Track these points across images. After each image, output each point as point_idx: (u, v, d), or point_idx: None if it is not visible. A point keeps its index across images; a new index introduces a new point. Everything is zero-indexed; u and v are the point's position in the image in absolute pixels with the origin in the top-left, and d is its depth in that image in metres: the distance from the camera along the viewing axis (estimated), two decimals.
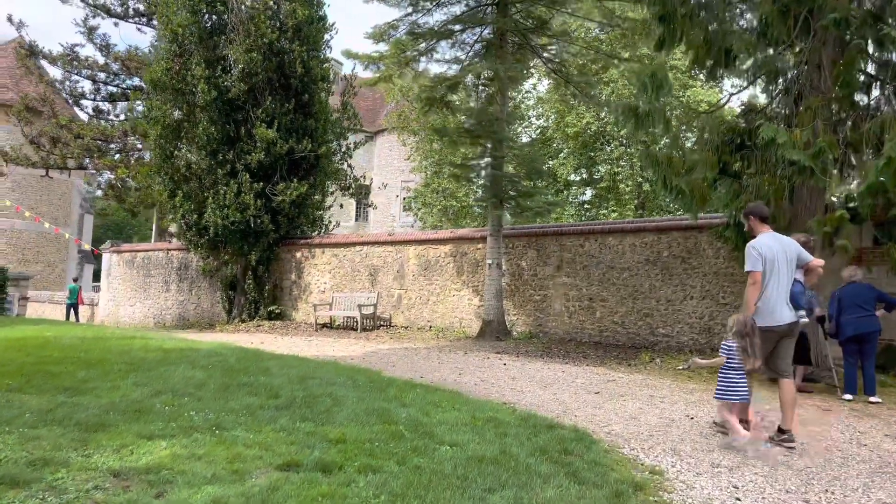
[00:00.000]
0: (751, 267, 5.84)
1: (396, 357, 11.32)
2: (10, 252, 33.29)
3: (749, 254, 5.89)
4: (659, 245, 13.02)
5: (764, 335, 5.78)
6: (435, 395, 6.66)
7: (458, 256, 15.77)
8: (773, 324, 5.80)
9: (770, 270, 5.82)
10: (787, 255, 5.93)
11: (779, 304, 5.81)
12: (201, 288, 21.03)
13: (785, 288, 5.89)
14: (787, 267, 5.91)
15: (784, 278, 5.87)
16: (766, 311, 5.81)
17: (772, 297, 5.81)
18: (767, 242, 5.95)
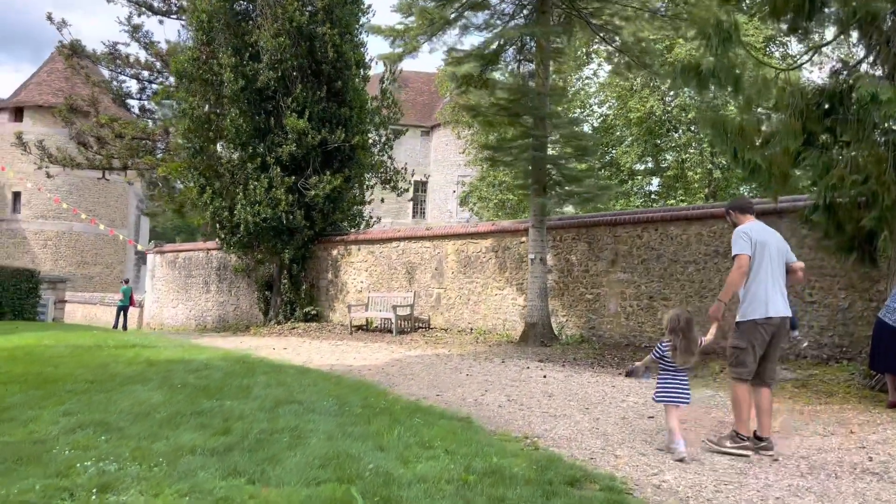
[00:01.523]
0: (738, 250, 5.37)
1: (421, 367, 9.90)
2: (69, 254, 33.62)
3: (737, 237, 5.46)
4: (730, 234, 11.11)
5: (755, 331, 5.33)
6: (434, 429, 5.19)
7: (500, 251, 14.23)
8: (767, 315, 5.29)
9: (761, 256, 5.37)
10: (778, 247, 5.51)
11: (773, 293, 5.35)
12: (240, 288, 20.17)
13: (780, 279, 5.47)
14: (779, 258, 5.50)
15: (778, 269, 5.46)
16: (759, 302, 5.32)
17: (765, 286, 5.34)
18: (757, 228, 5.54)
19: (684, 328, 5.22)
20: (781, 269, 5.48)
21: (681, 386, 5.26)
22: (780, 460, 5.12)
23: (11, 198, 33.21)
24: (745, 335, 5.38)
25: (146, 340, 11.32)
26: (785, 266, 5.56)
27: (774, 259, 5.41)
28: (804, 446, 5.56)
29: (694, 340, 5.22)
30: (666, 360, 5.29)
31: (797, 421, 6.51)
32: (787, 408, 7.24)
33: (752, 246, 5.33)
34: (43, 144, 23.74)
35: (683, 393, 5.26)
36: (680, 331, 5.23)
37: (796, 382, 8.71)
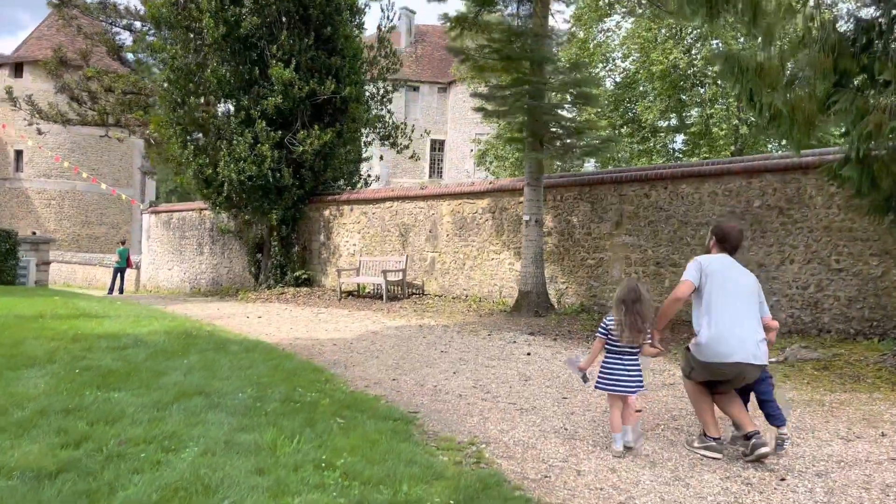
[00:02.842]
0: (684, 276, 4.57)
1: (395, 341, 8.89)
2: (73, 214, 33.04)
3: (690, 264, 4.65)
4: (749, 192, 9.88)
5: (701, 368, 4.48)
6: (352, 436, 4.16)
7: (498, 212, 13.06)
8: (713, 360, 4.37)
9: (717, 288, 4.46)
10: (748, 285, 4.56)
11: (731, 334, 4.35)
12: (233, 251, 19.27)
13: (749, 319, 4.44)
14: (748, 296, 4.52)
15: (745, 307, 4.46)
16: (707, 342, 4.39)
17: (718, 323, 4.38)
18: (720, 260, 4.64)
19: (633, 301, 4.42)
20: (751, 308, 4.50)
21: (627, 372, 4.45)
22: (787, 479, 4.01)
23: (14, 156, 32.56)
24: (692, 362, 4.56)
25: (105, 309, 10.43)
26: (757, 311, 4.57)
27: (740, 295, 4.49)
28: (821, 456, 4.45)
29: (644, 316, 4.42)
30: (612, 338, 4.50)
31: (816, 415, 5.38)
32: (804, 398, 6.10)
33: (702, 275, 4.51)
34: (32, 99, 22.82)
35: (630, 380, 4.45)
36: (629, 303, 4.43)
37: (817, 364, 7.54)
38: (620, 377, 4.43)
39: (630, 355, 4.46)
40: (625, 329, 4.43)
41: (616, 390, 4.43)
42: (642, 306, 4.42)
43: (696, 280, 4.49)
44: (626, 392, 4.44)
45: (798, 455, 4.47)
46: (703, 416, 4.52)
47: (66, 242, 32.30)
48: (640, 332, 4.42)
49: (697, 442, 4.51)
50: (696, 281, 4.49)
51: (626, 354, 4.46)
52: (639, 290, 4.47)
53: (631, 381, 4.42)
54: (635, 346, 4.45)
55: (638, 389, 4.47)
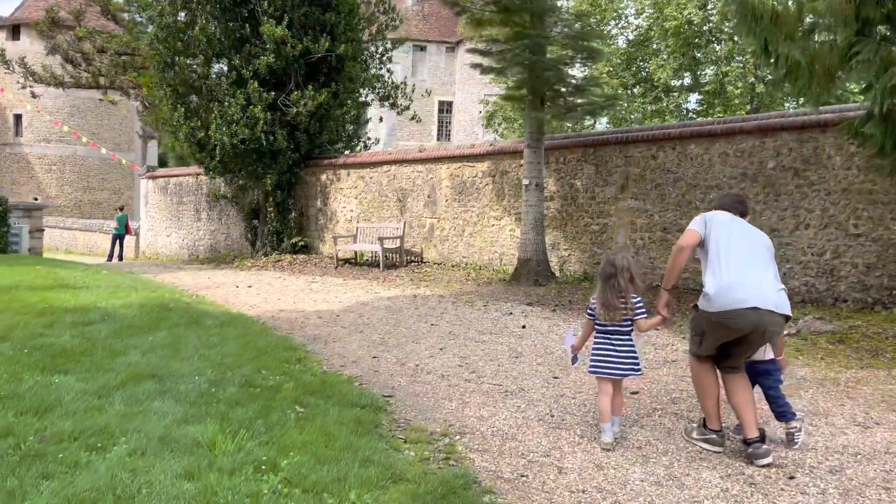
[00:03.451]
0: (689, 227, 4.06)
1: (384, 314, 8.45)
2: (74, 180, 32.70)
3: (694, 220, 4.11)
4: (762, 153, 9.27)
5: (711, 326, 3.88)
6: (308, 430, 3.73)
7: (498, 176, 12.50)
8: (727, 307, 3.75)
9: (725, 238, 3.93)
10: (762, 242, 4.04)
11: (744, 278, 3.80)
12: (230, 217, 18.82)
13: (764, 266, 3.91)
14: (762, 249, 4.00)
15: (760, 256, 3.93)
16: (717, 290, 3.81)
17: (728, 270, 3.82)
18: (727, 214, 4.12)
19: (608, 276, 4.00)
20: (766, 259, 3.98)
21: (617, 353, 3.99)
22: (796, 477, 3.55)
23: (13, 121, 32.11)
24: (701, 324, 3.98)
25: (86, 279, 10.03)
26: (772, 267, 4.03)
27: (753, 246, 3.98)
28: (836, 447, 3.98)
29: (620, 290, 3.96)
30: (596, 319, 4.07)
31: (830, 397, 4.90)
32: (817, 376, 5.62)
33: (707, 227, 4.00)
34: (25, 62, 22.24)
35: (619, 363, 3.99)
36: (604, 279, 4.02)
37: (832, 336, 7.04)
38: (608, 359, 3.96)
39: (619, 335, 3.98)
40: (600, 306, 3.99)
41: (603, 373, 3.96)
42: (620, 280, 3.93)
43: (702, 230, 3.97)
44: (615, 375, 3.96)
45: (810, 446, 4.00)
46: (706, 405, 4.01)
47: (68, 208, 32.02)
48: (614, 309, 3.93)
49: (696, 433, 4.04)
50: (701, 231, 3.97)
51: (615, 334, 3.99)
52: (616, 263, 3.98)
53: (620, 364, 3.94)
54: (625, 325, 3.97)
55: (630, 373, 3.99)
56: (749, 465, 3.70)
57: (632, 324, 3.99)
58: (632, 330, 4.00)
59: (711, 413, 3.98)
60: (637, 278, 4.00)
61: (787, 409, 4.03)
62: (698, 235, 3.96)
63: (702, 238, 3.96)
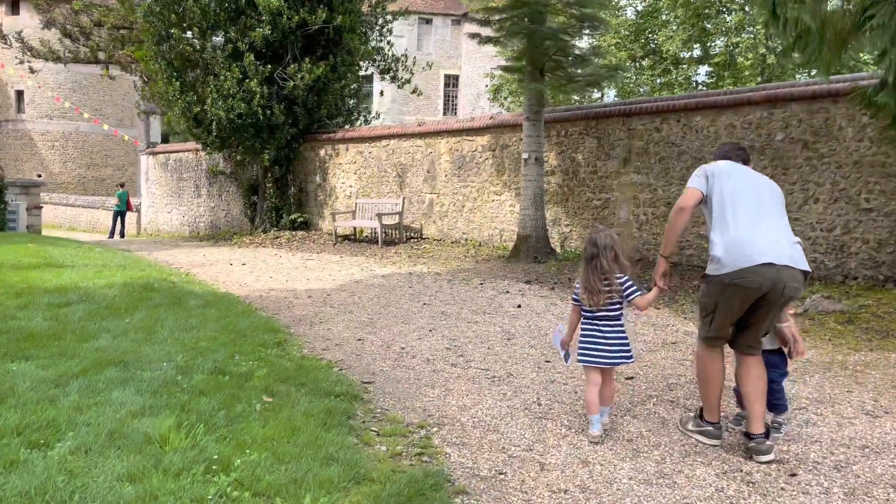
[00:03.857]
0: (689, 184, 3.69)
1: (377, 292, 8.20)
2: (77, 156, 32.49)
3: (694, 173, 3.75)
4: (770, 125, 8.89)
5: (724, 292, 3.49)
6: (271, 424, 3.50)
7: (499, 150, 12.15)
8: (741, 266, 3.39)
9: (732, 191, 3.56)
10: (772, 190, 3.67)
11: (758, 235, 3.44)
12: (230, 193, 18.57)
13: (775, 220, 3.56)
14: (773, 199, 3.63)
15: (771, 209, 3.57)
16: (729, 250, 3.45)
17: (738, 228, 3.47)
18: (729, 164, 3.72)
19: (590, 257, 3.71)
20: (778, 210, 3.62)
21: (605, 340, 3.70)
22: (798, 474, 3.29)
23: (15, 97, 31.84)
24: (712, 295, 3.59)
25: (76, 257, 9.81)
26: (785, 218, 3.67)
27: (762, 196, 3.60)
28: (842, 440, 3.70)
29: (603, 272, 3.66)
30: (582, 305, 3.78)
31: (837, 382, 4.62)
32: (824, 360, 5.33)
33: (709, 180, 3.62)
34: (22, 36, 21.89)
35: (611, 349, 3.69)
36: (587, 260, 3.74)
37: (840, 316, 6.74)
38: (596, 347, 3.68)
39: (607, 320, 3.69)
40: (581, 289, 3.71)
41: (591, 362, 3.68)
42: (602, 261, 3.63)
43: (703, 186, 3.61)
44: (603, 364, 3.68)
45: (814, 438, 3.73)
46: (708, 396, 3.68)
47: (72, 185, 31.87)
48: (597, 293, 3.63)
49: (692, 424, 3.77)
50: (702, 187, 3.60)
51: (602, 320, 3.69)
52: (598, 242, 3.68)
53: (609, 352, 3.66)
54: (613, 309, 3.68)
55: (620, 361, 3.72)
56: (748, 461, 3.43)
57: (620, 307, 3.70)
58: (621, 314, 3.72)
59: (712, 405, 3.68)
60: (622, 256, 3.70)
61: (783, 402, 3.77)
62: (699, 194, 3.60)
63: (703, 196, 3.60)
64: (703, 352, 3.69)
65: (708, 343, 3.66)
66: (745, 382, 3.61)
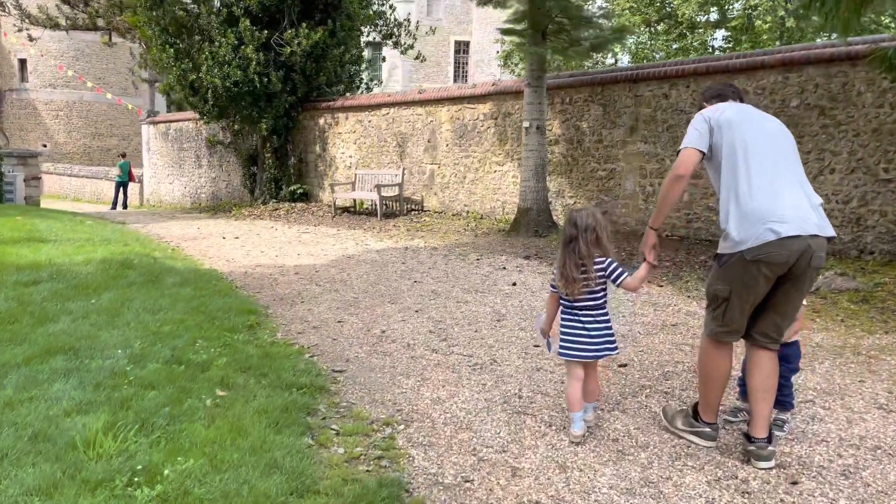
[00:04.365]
0: (685, 142, 3.15)
1: (367, 269, 7.87)
2: (82, 126, 32.21)
3: (691, 125, 3.19)
4: (785, 90, 8.39)
5: (743, 272, 3.01)
6: (212, 428, 3.20)
7: (501, 118, 11.69)
8: (765, 240, 2.91)
9: (743, 145, 3.03)
10: (785, 136, 3.14)
11: (778, 197, 2.95)
12: (231, 164, 18.22)
13: (793, 174, 3.04)
14: (786, 150, 3.10)
15: (784, 161, 3.05)
16: (751, 215, 2.95)
17: (759, 186, 2.97)
18: (734, 107, 3.19)
19: (569, 240, 3.27)
20: (796, 163, 3.10)
21: (587, 331, 3.28)
22: (800, 482, 2.94)
23: (18, 65, 31.48)
24: (726, 277, 3.11)
25: (62, 231, 9.52)
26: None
27: (777, 147, 3.08)
28: (851, 439, 3.35)
29: (581, 257, 3.22)
30: (559, 292, 3.36)
31: (848, 370, 4.25)
32: (835, 343, 4.95)
33: (712, 132, 3.09)
34: (20, 3, 21.46)
35: (593, 341, 3.28)
36: (564, 244, 3.29)
37: (854, 295, 6.34)
38: (577, 339, 3.30)
39: (588, 309, 3.29)
40: (558, 276, 3.31)
41: (571, 355, 3.32)
42: (581, 244, 3.21)
43: (704, 143, 3.08)
44: (585, 357, 3.31)
45: (820, 437, 3.37)
46: (707, 396, 3.26)
47: (77, 155, 31.64)
48: (573, 281, 3.22)
49: (683, 422, 3.39)
50: (703, 146, 3.08)
51: (582, 309, 3.30)
52: (577, 222, 3.25)
53: (591, 344, 3.29)
54: (595, 297, 3.30)
55: (604, 353, 3.34)
56: (744, 465, 3.08)
57: (603, 294, 3.32)
58: (604, 302, 3.34)
59: (711, 405, 3.27)
60: (606, 238, 3.26)
61: (790, 399, 3.41)
62: (698, 155, 3.09)
63: (705, 154, 3.10)
64: (710, 348, 3.24)
65: (718, 338, 3.20)
66: (753, 377, 3.17)
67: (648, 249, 3.30)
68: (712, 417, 3.30)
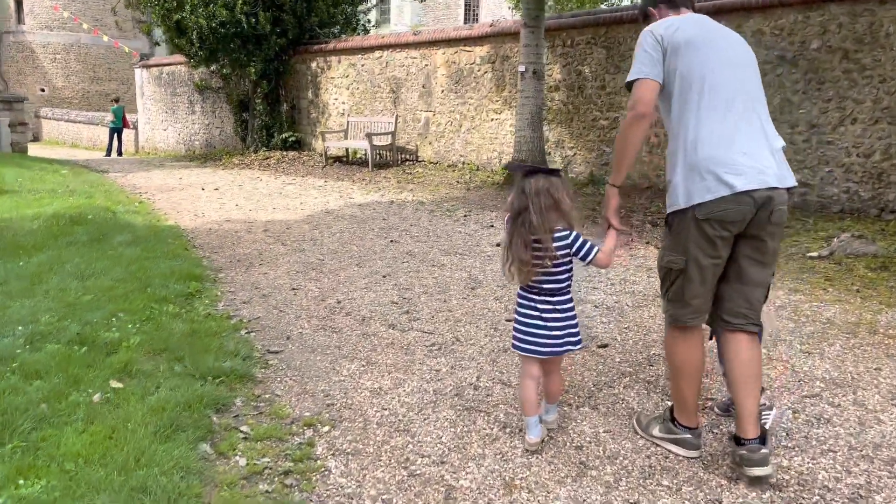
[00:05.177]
0: (633, 73, 2.53)
1: (344, 225, 7.31)
2: (80, 70, 31.40)
3: (637, 47, 2.60)
4: (805, 30, 7.58)
5: (695, 232, 2.47)
6: (79, 437, 2.67)
7: (499, 62, 10.90)
8: (719, 195, 2.40)
9: (702, 75, 2.45)
10: (750, 60, 2.58)
11: (736, 150, 2.41)
12: (223, 110, 17.50)
13: (753, 112, 2.49)
14: (752, 77, 2.55)
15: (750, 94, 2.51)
16: (701, 170, 2.43)
17: (711, 128, 2.43)
18: (691, 21, 2.58)
19: (517, 213, 2.57)
20: (759, 93, 2.57)
21: (544, 323, 2.66)
22: None
23: (14, 6, 30.51)
24: (678, 244, 2.55)
25: (27, 182, 8.99)
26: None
27: (741, 81, 2.53)
28: (863, 448, 2.79)
29: (539, 230, 2.52)
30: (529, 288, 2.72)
31: (862, 354, 3.66)
32: (849, 319, 4.35)
33: (667, 56, 2.50)
34: None
35: (553, 333, 2.66)
36: (511, 220, 2.62)
37: (873, 261, 5.71)
38: (533, 332, 2.70)
39: (548, 295, 2.68)
40: (501, 260, 2.68)
41: (527, 350, 2.73)
42: (532, 215, 2.53)
43: (659, 70, 2.50)
44: (543, 354, 2.72)
45: (826, 445, 2.81)
46: (682, 394, 2.70)
47: (75, 100, 30.93)
48: (526, 264, 2.58)
49: (660, 428, 2.82)
50: (657, 74, 2.50)
51: (540, 294, 2.68)
52: (526, 187, 2.56)
53: (550, 338, 2.70)
54: (556, 280, 2.69)
55: (565, 349, 2.75)
56: (732, 484, 2.53)
57: (568, 276, 2.71)
58: (568, 286, 2.74)
59: (688, 405, 2.71)
60: (566, 203, 2.58)
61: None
62: (655, 86, 2.50)
63: (662, 86, 2.52)
64: (675, 337, 2.69)
65: (683, 322, 2.64)
66: (733, 367, 2.61)
67: (613, 212, 2.72)
68: (692, 420, 2.73)
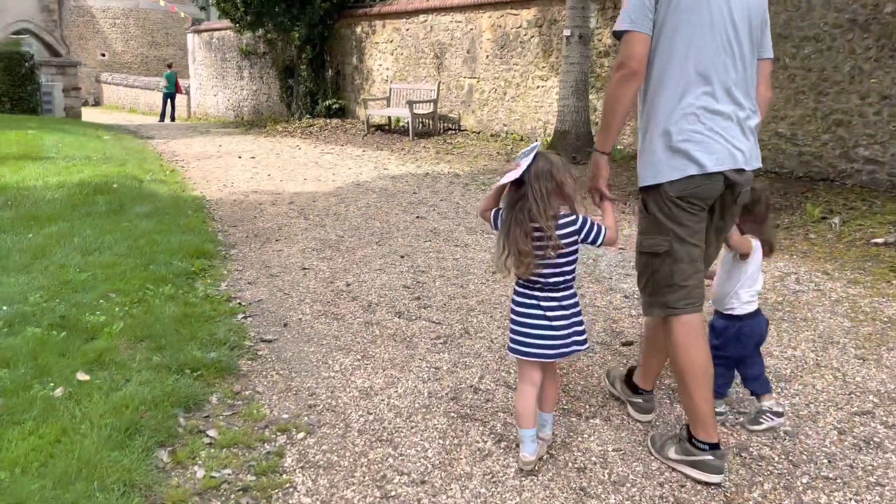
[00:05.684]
0: (625, 22, 2.22)
1: (372, 199, 7.04)
2: (139, 35, 31.83)
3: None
4: None
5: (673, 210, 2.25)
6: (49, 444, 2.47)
7: (546, 26, 10.35)
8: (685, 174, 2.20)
9: (688, 36, 2.18)
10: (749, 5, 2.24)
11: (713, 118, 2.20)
12: (270, 76, 17.37)
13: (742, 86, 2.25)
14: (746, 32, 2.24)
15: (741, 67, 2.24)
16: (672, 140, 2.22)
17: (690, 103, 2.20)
18: None
19: (512, 204, 2.26)
20: (749, 59, 2.30)
21: (548, 322, 2.32)
22: None
23: None
24: (657, 223, 2.31)
25: (65, 148, 8.99)
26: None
27: (741, 36, 2.25)
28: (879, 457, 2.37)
29: (540, 217, 2.19)
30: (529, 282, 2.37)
31: None
32: (862, 305, 3.85)
33: (658, 3, 2.20)
34: None
35: (557, 333, 2.33)
36: (512, 204, 2.27)
37: None
38: (535, 333, 2.34)
39: (552, 290, 2.33)
40: (496, 254, 2.32)
41: (526, 353, 2.38)
42: (532, 202, 2.17)
43: (648, 21, 2.20)
44: (546, 357, 2.38)
45: (874, 475, 2.40)
46: (696, 403, 2.32)
47: (134, 65, 31.42)
48: (527, 255, 2.22)
49: (677, 449, 2.45)
50: (647, 28, 2.20)
51: (544, 290, 2.33)
52: (529, 170, 2.20)
53: (554, 338, 2.34)
54: (564, 273, 2.33)
55: (570, 350, 2.39)
56: None
57: (573, 267, 2.35)
58: (573, 278, 2.37)
59: (704, 413, 2.34)
60: (569, 185, 2.22)
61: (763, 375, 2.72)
62: (645, 39, 2.22)
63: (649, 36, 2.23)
64: (673, 334, 2.35)
65: (677, 311, 2.33)
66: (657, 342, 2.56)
67: (604, 182, 2.42)
68: (712, 433, 2.36)
